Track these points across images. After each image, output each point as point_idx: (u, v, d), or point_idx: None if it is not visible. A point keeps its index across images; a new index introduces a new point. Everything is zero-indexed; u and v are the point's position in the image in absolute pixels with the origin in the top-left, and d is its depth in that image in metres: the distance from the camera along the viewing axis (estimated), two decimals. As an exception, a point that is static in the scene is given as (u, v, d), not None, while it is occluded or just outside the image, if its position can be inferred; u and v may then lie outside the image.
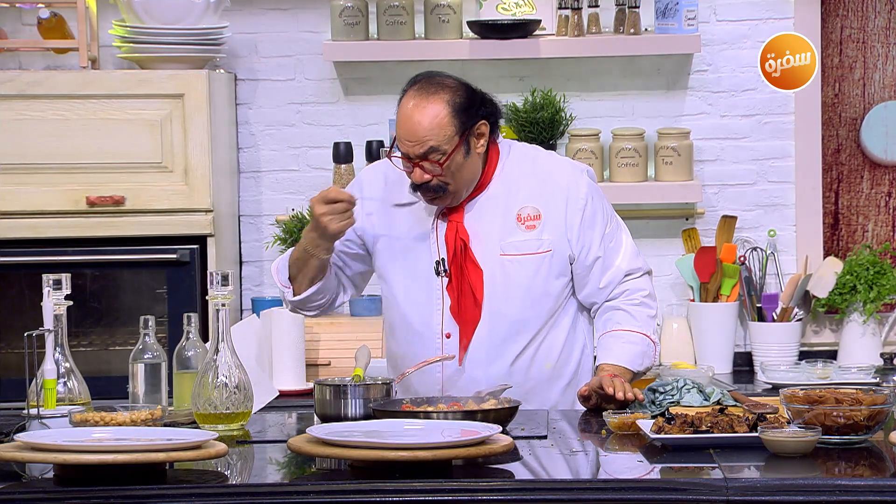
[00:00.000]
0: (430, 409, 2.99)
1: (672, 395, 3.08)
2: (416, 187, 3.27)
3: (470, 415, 2.93)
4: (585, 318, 3.44)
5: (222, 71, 4.60)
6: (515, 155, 3.37)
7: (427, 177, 3.23)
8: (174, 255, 4.32)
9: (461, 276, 3.30)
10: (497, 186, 3.33)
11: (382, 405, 3.03)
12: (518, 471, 2.67)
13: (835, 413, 2.75)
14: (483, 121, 3.26)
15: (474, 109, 3.25)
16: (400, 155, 3.25)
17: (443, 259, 3.31)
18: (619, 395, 3.14)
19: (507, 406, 3.00)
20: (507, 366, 3.32)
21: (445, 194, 3.27)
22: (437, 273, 3.32)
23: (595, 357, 3.42)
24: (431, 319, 3.33)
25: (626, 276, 3.38)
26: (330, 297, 3.43)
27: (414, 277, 3.34)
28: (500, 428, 2.72)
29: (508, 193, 3.32)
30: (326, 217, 3.22)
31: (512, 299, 3.31)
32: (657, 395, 3.10)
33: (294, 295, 3.36)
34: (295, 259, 3.34)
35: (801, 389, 2.88)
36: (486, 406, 3.00)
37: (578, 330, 3.42)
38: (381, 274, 3.42)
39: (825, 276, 4.59)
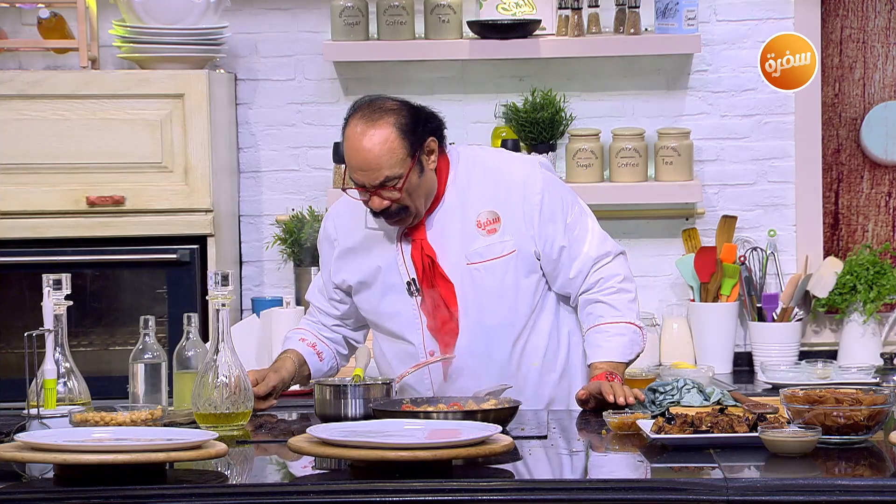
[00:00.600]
0: (430, 409, 2.99)
1: (672, 395, 3.08)
2: (376, 214, 3.26)
3: (470, 415, 2.93)
4: (568, 307, 3.42)
5: (222, 71, 4.60)
6: (464, 161, 3.35)
7: (386, 203, 3.22)
8: (174, 255, 4.32)
9: (433, 292, 3.29)
10: (452, 197, 3.31)
11: (382, 405, 3.03)
12: (518, 471, 2.67)
13: (835, 413, 2.75)
14: (431, 137, 3.25)
15: (420, 127, 3.23)
16: (355, 186, 3.23)
17: (413, 279, 3.31)
18: (620, 401, 3.13)
19: (507, 406, 3.00)
20: (496, 372, 3.31)
21: (407, 215, 3.26)
22: (411, 293, 3.32)
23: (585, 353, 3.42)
24: (414, 339, 3.34)
25: (595, 262, 3.35)
26: (338, 364, 3.53)
27: (391, 302, 3.34)
28: (500, 428, 2.72)
29: (464, 202, 3.31)
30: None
31: (486, 307, 3.30)
32: (657, 395, 3.09)
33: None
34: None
35: (801, 389, 2.88)
36: (486, 406, 3.00)
37: (562, 320, 3.40)
38: (360, 305, 3.42)
39: (825, 276, 4.59)
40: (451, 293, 3.29)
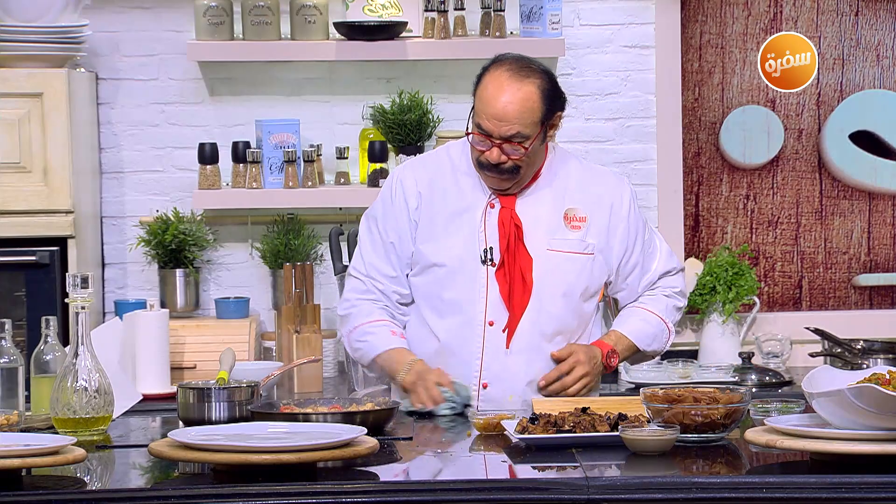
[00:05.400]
0: (308, 410, 2.98)
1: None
2: (484, 167, 3.26)
3: (349, 416, 2.93)
4: (600, 329, 3.52)
5: (83, 70, 4.52)
6: (559, 155, 3.41)
7: (503, 158, 3.23)
8: (33, 258, 4.24)
9: (514, 261, 3.29)
10: (546, 182, 3.36)
11: (260, 407, 3.02)
12: (383, 472, 2.67)
13: (692, 412, 2.80)
14: (560, 112, 3.30)
15: (558, 99, 3.29)
16: (477, 132, 3.23)
17: (490, 248, 3.30)
18: (570, 391, 3.20)
19: (385, 408, 3.01)
20: (547, 359, 3.33)
21: (514, 177, 3.27)
22: (483, 262, 3.31)
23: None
24: (474, 308, 3.31)
25: (661, 277, 3.46)
26: None
27: (459, 263, 3.31)
28: (365, 430, 2.73)
29: (555, 191, 3.36)
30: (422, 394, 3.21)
31: (556, 295, 3.33)
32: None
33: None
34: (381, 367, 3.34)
35: (661, 389, 2.93)
36: (364, 408, 3.01)
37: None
38: (420, 262, 3.35)
39: (686, 276, 4.67)
40: (529, 268, 3.29)
